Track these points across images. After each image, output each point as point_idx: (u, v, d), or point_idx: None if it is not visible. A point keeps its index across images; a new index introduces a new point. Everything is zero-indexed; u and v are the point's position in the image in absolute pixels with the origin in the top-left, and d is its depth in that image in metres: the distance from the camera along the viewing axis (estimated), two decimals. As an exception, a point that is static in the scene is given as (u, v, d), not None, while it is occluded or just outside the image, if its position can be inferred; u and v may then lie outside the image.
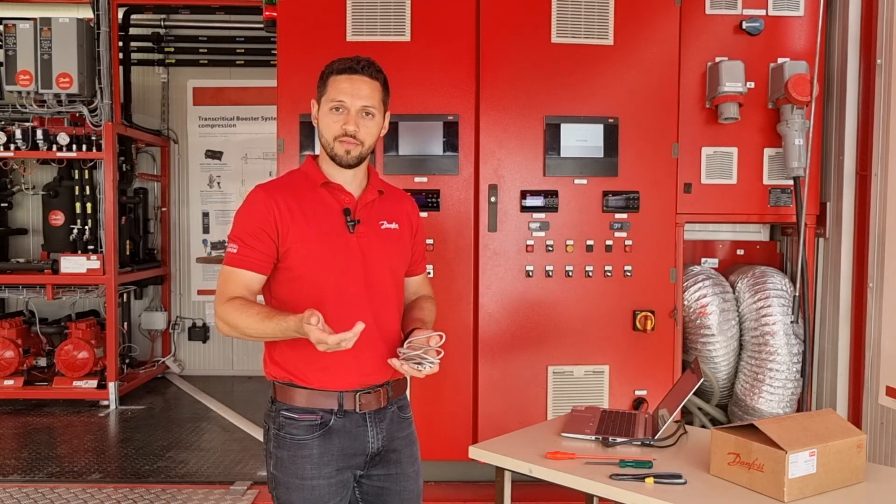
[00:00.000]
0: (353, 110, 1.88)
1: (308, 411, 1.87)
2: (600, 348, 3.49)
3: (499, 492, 2.16)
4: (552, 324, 3.47)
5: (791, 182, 3.52)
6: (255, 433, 4.60)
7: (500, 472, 2.13)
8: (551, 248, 3.46)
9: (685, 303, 3.57)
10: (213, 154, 6.40)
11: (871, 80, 3.31)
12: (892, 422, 3.12)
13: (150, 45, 6.24)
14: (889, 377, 3.07)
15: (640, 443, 2.17)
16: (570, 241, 3.46)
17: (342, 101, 1.88)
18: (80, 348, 5.33)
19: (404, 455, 1.99)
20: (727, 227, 3.91)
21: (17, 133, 5.24)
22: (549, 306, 3.47)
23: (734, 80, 3.41)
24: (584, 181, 3.47)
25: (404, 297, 2.07)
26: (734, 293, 3.63)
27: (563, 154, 3.46)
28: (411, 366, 1.78)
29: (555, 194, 3.46)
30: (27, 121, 5.34)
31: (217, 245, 6.42)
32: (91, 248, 5.50)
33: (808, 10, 3.56)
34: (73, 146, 5.28)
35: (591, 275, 3.47)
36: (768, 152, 3.59)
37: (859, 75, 3.45)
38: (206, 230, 6.44)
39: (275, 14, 3.52)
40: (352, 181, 1.95)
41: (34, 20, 5.18)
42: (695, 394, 3.03)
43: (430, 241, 3.42)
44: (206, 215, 6.44)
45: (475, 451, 2.17)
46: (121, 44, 5.70)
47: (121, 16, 5.71)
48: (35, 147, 5.29)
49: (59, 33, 5.15)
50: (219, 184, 6.42)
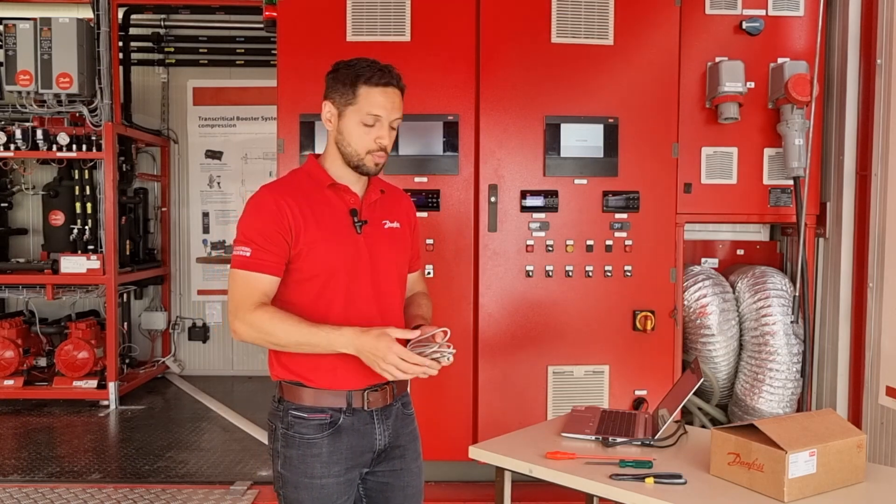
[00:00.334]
0: (386, 124, 1.88)
1: (318, 410, 1.86)
2: (600, 348, 3.49)
3: (499, 492, 2.16)
4: (552, 324, 3.47)
5: (791, 182, 3.52)
6: (255, 433, 4.59)
7: (500, 472, 2.13)
8: (551, 248, 3.46)
9: (685, 303, 3.57)
10: (213, 154, 6.41)
11: (871, 80, 3.31)
12: (892, 422, 3.12)
13: (150, 45, 6.24)
14: (889, 377, 3.07)
15: (640, 443, 2.17)
16: (570, 241, 3.46)
17: (379, 115, 1.86)
18: (80, 348, 5.33)
19: (408, 451, 2.00)
20: (727, 227, 3.91)
21: (17, 133, 5.24)
22: (549, 306, 3.47)
23: (734, 80, 3.41)
24: (584, 181, 3.47)
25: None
26: (734, 293, 3.63)
27: (563, 154, 3.46)
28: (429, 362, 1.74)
29: (555, 194, 3.46)
30: (27, 121, 5.34)
31: (217, 245, 6.42)
32: (91, 248, 5.50)
33: (808, 10, 3.56)
34: (73, 146, 5.28)
35: (591, 275, 3.47)
36: (768, 152, 3.59)
37: (859, 75, 3.45)
38: (206, 230, 6.44)
39: (275, 14, 3.53)
40: (356, 181, 1.94)
41: (34, 20, 5.18)
42: (695, 394, 3.03)
43: (430, 241, 3.42)
44: (206, 215, 6.44)
45: (475, 451, 2.17)
46: (121, 44, 5.70)
47: (121, 16, 5.71)
48: (35, 147, 5.29)
49: (59, 33, 5.15)
50: (219, 184, 6.42)
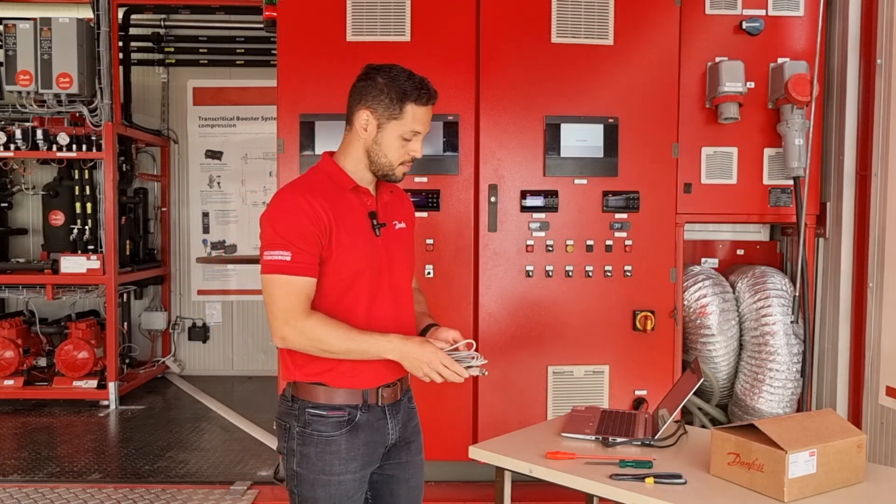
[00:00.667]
0: (422, 137, 1.92)
1: (336, 408, 1.88)
2: (600, 348, 3.49)
3: (499, 492, 2.16)
4: (552, 324, 3.47)
5: (791, 182, 3.52)
6: (255, 433, 4.59)
7: (500, 472, 2.13)
8: (551, 248, 3.46)
9: (685, 303, 3.57)
10: (213, 154, 6.41)
11: (871, 80, 3.31)
12: (892, 422, 3.12)
13: (150, 45, 6.24)
14: (889, 377, 3.07)
15: (640, 443, 2.17)
16: (570, 241, 3.46)
17: (420, 132, 1.90)
18: (80, 348, 5.33)
19: (413, 444, 2.04)
20: (727, 227, 3.91)
21: (17, 133, 5.24)
22: (549, 306, 3.47)
23: (734, 80, 3.41)
24: (584, 181, 3.47)
25: None
26: (734, 293, 3.63)
27: (563, 154, 3.46)
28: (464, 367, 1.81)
29: (555, 194, 3.46)
30: (27, 121, 5.34)
31: (217, 245, 6.42)
32: (91, 248, 5.50)
33: (808, 10, 3.56)
34: (73, 146, 5.28)
35: (591, 275, 3.47)
36: (768, 152, 3.59)
37: (859, 75, 3.45)
38: (206, 230, 6.44)
39: (275, 14, 3.52)
40: (371, 183, 1.96)
41: (34, 20, 5.18)
42: (695, 394, 3.03)
43: (429, 241, 3.42)
44: (206, 215, 6.44)
45: (475, 451, 2.17)
46: (121, 44, 5.70)
47: (121, 16, 5.71)
48: (35, 147, 5.29)
49: (59, 33, 5.15)
50: (219, 184, 6.42)
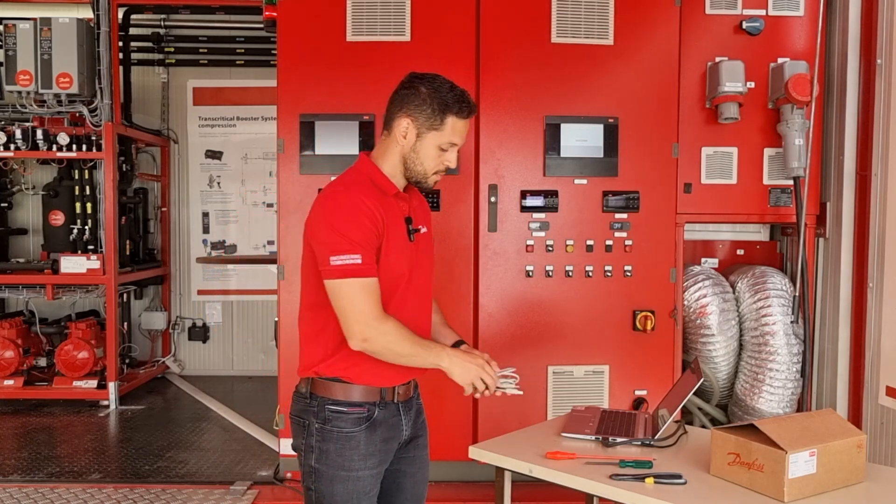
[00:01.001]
0: (458, 148, 1.95)
1: (356, 405, 1.91)
2: (600, 348, 3.49)
3: (499, 492, 2.16)
4: (552, 324, 3.47)
5: (791, 182, 3.52)
6: (255, 433, 4.59)
7: (500, 472, 2.13)
8: (551, 248, 3.46)
9: (685, 303, 3.57)
10: (213, 154, 6.40)
11: (871, 80, 3.31)
12: (892, 422, 3.11)
13: (150, 45, 6.24)
14: (889, 377, 3.07)
15: (640, 443, 2.17)
16: (570, 241, 3.46)
17: (456, 143, 1.93)
18: (80, 348, 5.33)
19: (421, 440, 2.09)
20: (727, 227, 3.91)
21: (17, 133, 5.24)
22: (549, 306, 3.47)
23: (734, 80, 3.41)
24: (584, 181, 3.47)
25: None
26: (734, 293, 3.63)
27: (563, 154, 3.46)
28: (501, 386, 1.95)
29: (555, 194, 3.46)
30: (27, 121, 5.33)
31: (217, 245, 6.42)
32: (91, 248, 5.50)
33: (808, 10, 3.56)
34: (73, 146, 5.27)
35: (591, 275, 3.47)
36: (768, 152, 3.59)
37: (859, 75, 3.45)
38: (206, 230, 6.44)
39: (275, 14, 3.53)
40: (403, 188, 1.99)
41: (34, 20, 5.18)
42: (695, 394, 3.03)
43: (430, 241, 3.42)
44: (206, 215, 6.44)
45: (475, 451, 2.16)
46: (121, 44, 5.70)
47: (121, 16, 5.71)
48: (35, 147, 5.28)
49: (59, 33, 5.15)
50: (219, 184, 6.42)
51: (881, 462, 3.08)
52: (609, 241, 3.47)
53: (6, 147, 5.25)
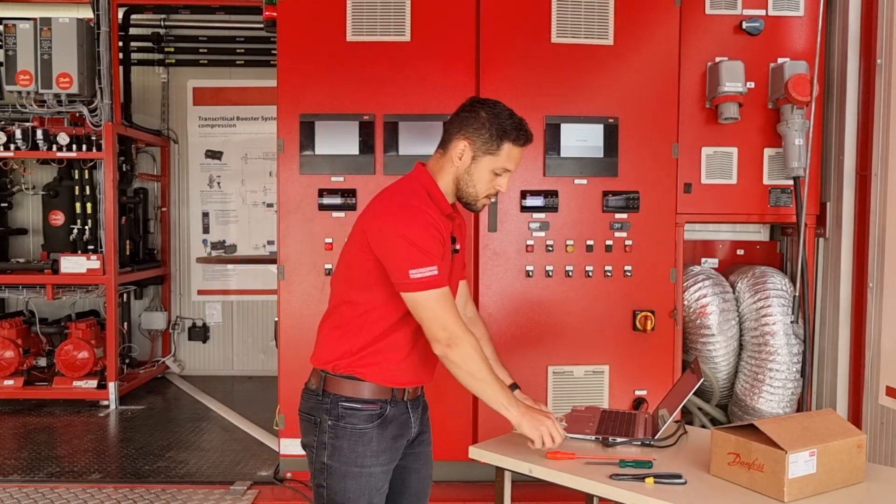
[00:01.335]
0: (509, 174, 2.01)
1: (369, 402, 1.95)
2: (600, 348, 3.49)
3: (499, 492, 2.16)
4: (552, 324, 3.47)
5: (791, 182, 3.52)
6: (255, 433, 4.59)
7: (500, 472, 2.13)
8: (551, 248, 3.46)
9: (685, 303, 3.57)
10: (213, 154, 6.40)
11: (871, 80, 3.31)
12: (892, 422, 3.11)
13: (150, 45, 6.23)
14: (889, 377, 3.07)
15: (640, 443, 2.17)
16: (570, 241, 3.46)
17: (510, 169, 1.99)
18: (80, 348, 5.33)
19: (425, 437, 2.15)
20: (727, 227, 3.91)
21: (17, 133, 5.23)
22: (549, 306, 3.47)
23: (734, 80, 3.41)
24: (584, 181, 3.48)
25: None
26: (734, 293, 3.63)
27: (563, 154, 3.46)
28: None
29: (555, 194, 3.46)
30: (27, 121, 5.33)
31: (217, 245, 6.42)
32: (91, 248, 5.50)
33: (808, 10, 3.56)
34: (73, 146, 5.27)
35: (591, 275, 3.47)
36: (768, 152, 3.59)
37: (859, 75, 3.45)
38: (206, 230, 6.44)
39: (275, 14, 3.53)
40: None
41: (34, 20, 5.17)
42: (695, 394, 3.03)
43: (430, 241, 3.41)
44: (206, 215, 6.43)
45: (475, 451, 2.16)
46: (121, 44, 5.70)
47: (121, 16, 5.71)
48: (35, 147, 5.28)
49: (59, 33, 5.14)
50: (219, 184, 6.42)
51: (881, 462, 3.08)
52: (609, 241, 3.47)
53: (6, 147, 5.25)
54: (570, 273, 3.47)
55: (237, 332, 6.43)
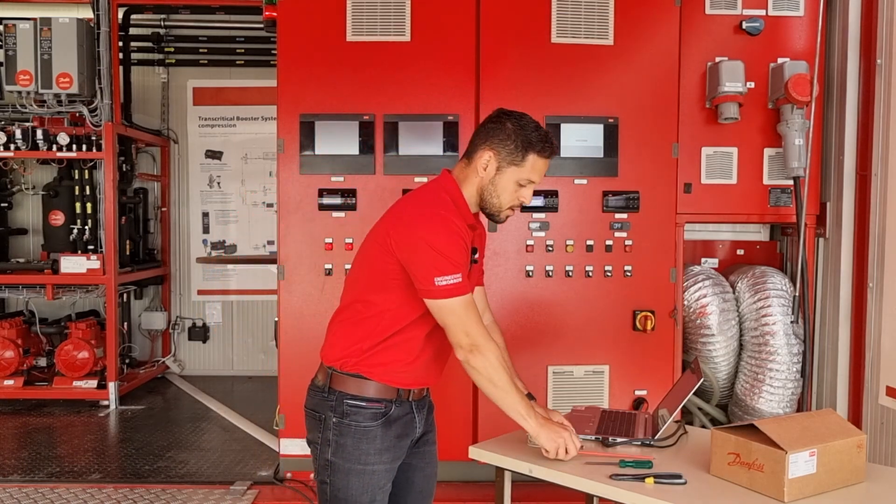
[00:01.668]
0: (534, 186, 2.02)
1: (374, 400, 1.97)
2: (600, 348, 3.49)
3: (499, 492, 2.16)
4: (552, 324, 3.47)
5: (791, 182, 3.52)
6: (255, 433, 4.59)
7: (500, 472, 2.13)
8: (551, 248, 3.46)
9: (685, 303, 3.57)
10: (213, 154, 6.40)
11: (871, 80, 3.31)
12: (892, 422, 3.11)
13: (150, 45, 6.23)
14: (889, 377, 3.07)
15: (640, 443, 2.17)
16: (570, 241, 3.46)
17: (534, 181, 2.00)
18: (80, 348, 5.33)
19: (430, 436, 2.17)
20: (727, 227, 3.91)
21: (17, 133, 5.23)
22: (549, 306, 3.47)
23: (734, 80, 3.41)
24: (584, 181, 3.48)
25: None
26: (734, 293, 3.63)
27: (563, 154, 3.46)
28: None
29: (555, 194, 3.46)
30: (27, 121, 5.33)
31: (217, 245, 6.42)
32: (91, 248, 5.50)
33: (808, 10, 3.56)
34: (73, 146, 5.27)
35: (591, 275, 3.47)
36: (768, 152, 3.59)
37: (859, 75, 3.45)
38: (206, 230, 6.44)
39: (275, 14, 3.53)
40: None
41: (34, 20, 5.17)
42: (695, 394, 3.03)
43: (430, 241, 3.42)
44: (206, 215, 6.43)
45: (475, 451, 2.17)
46: (121, 44, 5.70)
47: (121, 16, 5.71)
48: (35, 147, 5.28)
49: (59, 33, 5.14)
50: (219, 184, 6.42)
51: (881, 462, 3.08)
52: (609, 241, 3.47)
53: (6, 147, 5.25)
54: (570, 273, 3.47)
55: (237, 332, 6.43)
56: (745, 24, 3.53)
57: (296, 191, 3.48)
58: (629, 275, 3.48)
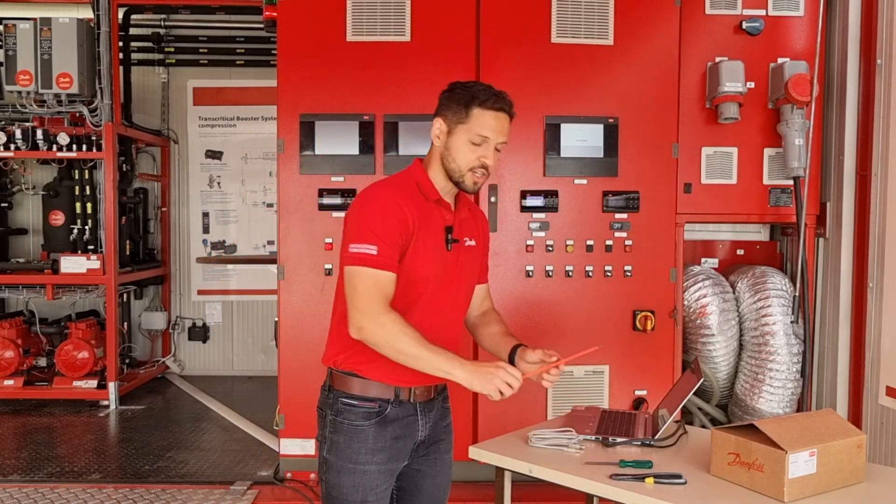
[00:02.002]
0: (492, 145, 1.94)
1: (367, 399, 1.95)
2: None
3: (499, 492, 2.16)
4: (552, 324, 3.47)
5: (791, 182, 3.52)
6: (255, 433, 4.59)
7: (500, 472, 2.13)
8: (551, 248, 3.46)
9: (685, 303, 3.57)
10: (213, 154, 6.40)
11: (871, 80, 3.31)
12: (892, 422, 3.12)
13: (150, 45, 6.23)
14: (889, 377, 3.07)
15: (640, 443, 2.17)
16: (570, 241, 3.46)
17: (487, 137, 1.92)
18: (80, 348, 5.33)
19: (443, 443, 2.11)
20: (727, 227, 3.91)
21: (17, 133, 5.23)
22: (549, 306, 3.47)
23: (734, 80, 3.41)
24: (584, 181, 3.47)
25: (471, 304, 2.22)
26: (734, 293, 3.63)
27: (563, 154, 3.46)
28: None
29: (555, 194, 3.46)
30: (27, 121, 5.33)
31: (217, 245, 6.42)
32: (91, 248, 5.50)
33: (808, 10, 3.56)
34: (73, 146, 5.27)
35: (591, 275, 3.47)
36: (768, 152, 3.59)
37: (859, 75, 3.45)
38: (206, 230, 6.44)
39: (275, 14, 3.53)
40: (451, 196, 2.02)
41: (34, 20, 5.17)
42: (695, 394, 3.02)
43: (430, 241, 3.42)
44: (206, 215, 6.43)
45: (475, 451, 2.16)
46: (121, 44, 5.70)
47: (121, 16, 5.70)
48: (35, 147, 5.28)
49: (59, 33, 5.14)
50: (219, 184, 6.42)
51: (881, 462, 3.08)
52: (609, 241, 3.47)
53: (6, 147, 5.25)
54: (570, 273, 3.47)
55: (237, 332, 6.43)
56: (745, 24, 3.53)
57: (296, 191, 3.48)
58: (629, 275, 3.48)
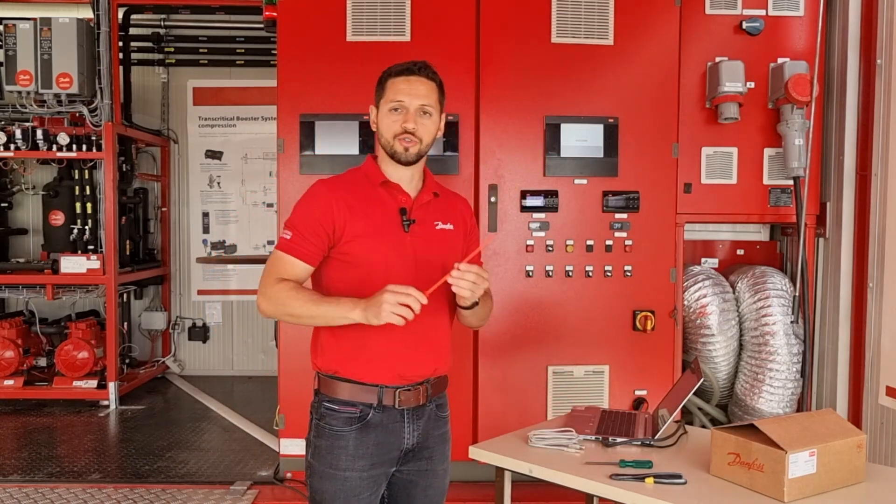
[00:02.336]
0: (411, 109, 1.97)
1: (348, 404, 1.93)
2: (600, 348, 3.49)
3: (499, 492, 2.16)
4: (552, 324, 3.47)
5: (791, 182, 3.52)
6: (255, 433, 4.59)
7: (500, 472, 2.13)
8: (551, 248, 3.46)
9: (685, 303, 3.57)
10: (213, 154, 6.40)
11: (871, 80, 3.31)
12: (892, 422, 3.12)
13: (150, 45, 6.24)
14: (889, 377, 3.07)
15: (640, 443, 2.17)
16: (570, 241, 3.46)
17: (401, 100, 1.96)
18: (80, 348, 5.33)
19: (436, 452, 2.04)
20: (727, 227, 3.91)
21: (17, 133, 5.23)
22: (549, 306, 3.47)
23: (734, 80, 3.41)
24: (584, 181, 3.47)
25: None
26: (734, 293, 3.63)
27: (563, 154, 3.46)
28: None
29: (555, 194, 3.46)
30: (27, 121, 5.33)
31: (217, 245, 6.42)
32: (91, 248, 5.50)
33: (808, 10, 3.56)
34: (73, 146, 5.27)
35: (591, 275, 3.47)
36: (768, 152, 3.59)
37: (859, 75, 3.45)
38: (206, 230, 6.44)
39: (275, 14, 3.53)
40: (409, 182, 2.01)
41: (34, 20, 5.17)
42: (695, 394, 3.03)
43: (430, 241, 3.42)
44: (206, 215, 6.44)
45: (475, 451, 2.17)
46: (121, 44, 5.70)
47: (121, 16, 5.71)
48: (35, 147, 5.28)
49: (59, 33, 5.14)
50: (219, 184, 6.42)
51: (881, 462, 3.08)
52: (609, 241, 3.47)
53: (6, 147, 5.25)
54: (570, 273, 3.47)
55: (237, 332, 6.43)
56: (745, 24, 3.53)
57: (296, 191, 3.47)
58: (629, 275, 3.48)
